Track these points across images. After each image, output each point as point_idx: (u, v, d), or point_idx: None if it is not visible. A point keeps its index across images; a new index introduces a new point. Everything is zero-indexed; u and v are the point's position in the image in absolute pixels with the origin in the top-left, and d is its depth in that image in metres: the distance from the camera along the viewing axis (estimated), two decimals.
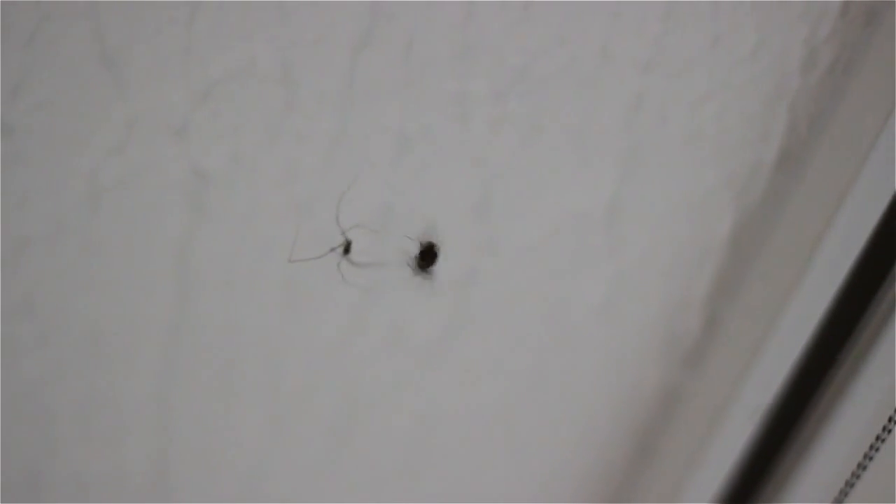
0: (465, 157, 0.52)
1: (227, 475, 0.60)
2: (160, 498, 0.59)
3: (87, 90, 0.47)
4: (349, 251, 0.51)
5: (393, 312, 0.56)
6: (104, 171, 0.49)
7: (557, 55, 0.50)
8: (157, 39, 0.46)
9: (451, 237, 0.54)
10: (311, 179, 0.51)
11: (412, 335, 0.57)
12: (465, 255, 0.54)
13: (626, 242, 0.56)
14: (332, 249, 0.50)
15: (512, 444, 0.63)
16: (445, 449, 0.63)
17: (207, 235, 0.51)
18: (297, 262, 0.51)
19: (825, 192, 0.53)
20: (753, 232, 0.57)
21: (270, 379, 0.57)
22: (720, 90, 0.52)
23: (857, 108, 0.52)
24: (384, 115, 0.50)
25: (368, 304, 0.55)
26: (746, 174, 0.55)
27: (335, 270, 0.51)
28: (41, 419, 0.55)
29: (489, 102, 0.50)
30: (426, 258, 0.53)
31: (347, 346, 0.56)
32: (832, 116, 0.53)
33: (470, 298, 0.56)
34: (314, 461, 0.61)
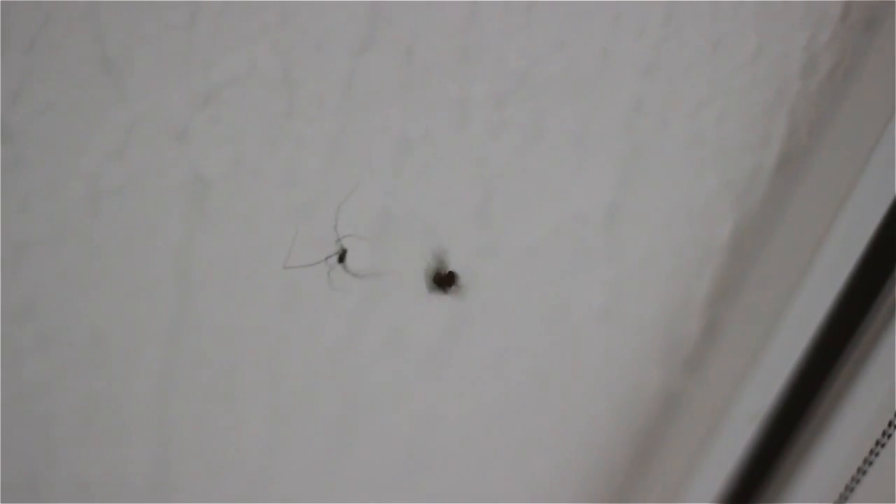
0: (465, 160, 0.52)
1: (227, 476, 0.60)
2: (160, 499, 0.59)
3: (87, 94, 0.47)
4: (344, 260, 0.51)
5: (393, 314, 0.56)
6: (105, 174, 0.49)
7: (558, 59, 0.50)
8: (157, 43, 0.46)
9: (451, 240, 0.54)
10: (311, 183, 0.51)
11: (412, 337, 0.57)
12: (465, 257, 0.54)
13: (626, 245, 0.56)
14: (326, 258, 0.50)
15: (512, 445, 0.63)
16: (446, 450, 0.63)
17: (208, 239, 0.51)
18: (291, 268, 0.51)
19: (825, 196, 0.53)
20: (754, 235, 0.57)
21: (270, 381, 0.57)
22: (721, 94, 0.52)
23: (857, 112, 0.52)
24: (385, 118, 0.50)
25: (369, 306, 0.55)
26: (747, 178, 0.55)
27: (334, 276, 0.51)
28: (41, 420, 0.55)
29: (490, 106, 0.50)
30: (444, 282, 0.53)
31: (348, 348, 0.56)
32: (832, 121, 0.53)
33: (470, 301, 0.56)
34: (315, 462, 0.61)
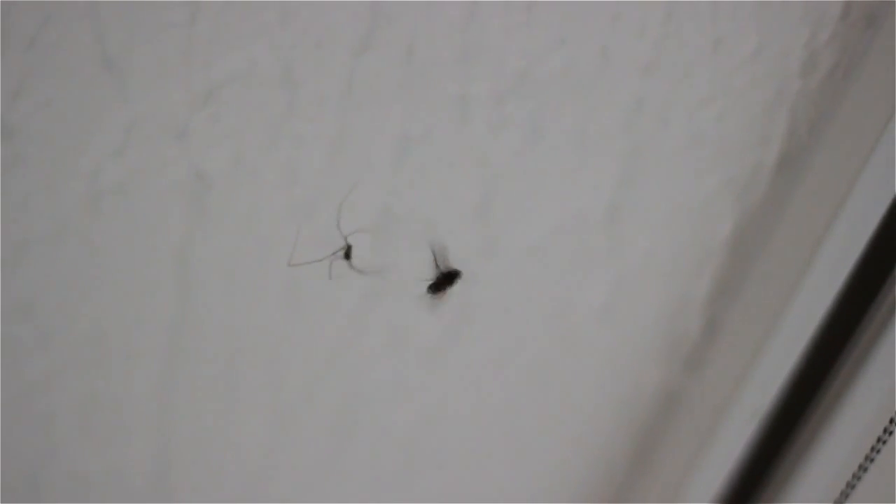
0: (466, 159, 0.52)
1: (227, 476, 0.60)
2: (161, 498, 0.59)
3: (87, 92, 0.47)
4: (350, 256, 0.51)
5: (394, 313, 0.56)
6: (105, 173, 0.49)
7: (558, 58, 0.50)
8: (157, 42, 0.46)
9: (452, 239, 0.54)
10: (311, 182, 0.51)
11: (413, 336, 0.57)
12: (465, 256, 0.54)
13: (626, 244, 0.56)
14: (333, 254, 0.50)
15: (512, 444, 0.63)
16: (446, 449, 0.63)
17: (208, 238, 0.51)
18: (296, 266, 0.51)
19: (826, 194, 0.53)
20: (754, 234, 0.57)
21: (271, 380, 0.57)
22: (721, 93, 0.52)
23: (857, 111, 0.52)
24: (385, 117, 0.50)
25: (370, 305, 0.55)
26: (747, 177, 0.55)
27: (336, 272, 0.51)
28: (41, 419, 0.55)
29: (490, 105, 0.50)
30: (444, 280, 0.53)
31: (349, 347, 0.56)
32: (832, 119, 0.53)
33: (471, 300, 0.56)
34: (315, 462, 0.61)
